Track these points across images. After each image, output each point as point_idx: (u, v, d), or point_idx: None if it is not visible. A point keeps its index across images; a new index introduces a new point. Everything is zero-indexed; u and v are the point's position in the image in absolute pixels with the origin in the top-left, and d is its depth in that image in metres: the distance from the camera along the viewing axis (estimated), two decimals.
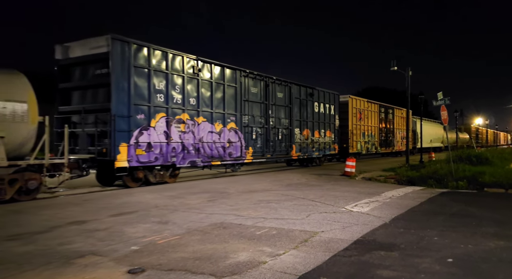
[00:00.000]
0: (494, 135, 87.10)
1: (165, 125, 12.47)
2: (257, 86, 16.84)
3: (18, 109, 8.94)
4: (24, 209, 8.11)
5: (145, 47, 11.96)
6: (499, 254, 4.86)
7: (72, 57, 12.11)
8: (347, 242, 5.39)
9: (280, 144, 18.22)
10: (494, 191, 11.01)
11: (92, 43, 11.57)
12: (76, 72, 12.14)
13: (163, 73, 12.49)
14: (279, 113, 18.23)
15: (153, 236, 5.70)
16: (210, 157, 14.19)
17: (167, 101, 12.59)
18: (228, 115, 15.14)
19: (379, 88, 74.59)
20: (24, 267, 4.37)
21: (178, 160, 12.91)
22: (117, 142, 11.01)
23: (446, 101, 14.69)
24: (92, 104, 11.61)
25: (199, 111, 13.77)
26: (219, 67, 14.82)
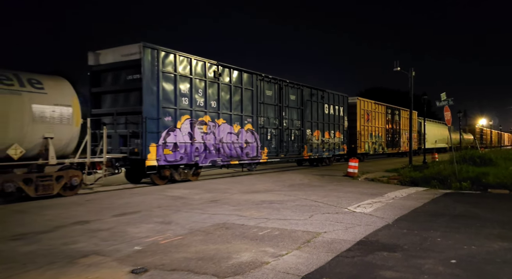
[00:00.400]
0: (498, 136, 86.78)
1: (189, 127, 13.30)
2: (272, 89, 17.59)
3: (65, 112, 9.89)
4: (28, 209, 8.15)
5: (171, 54, 12.76)
6: (503, 256, 4.83)
7: (104, 63, 12.96)
8: (350, 243, 5.38)
9: (292, 144, 18.94)
10: (498, 192, 10.95)
11: (123, 51, 12.38)
12: (108, 77, 12.99)
13: (187, 78, 13.28)
14: (292, 115, 18.95)
15: (156, 236, 5.72)
16: (229, 156, 14.97)
17: (191, 104, 13.39)
18: (246, 117, 15.94)
19: (382, 89, 74.38)
20: (28, 266, 4.40)
21: (201, 159, 13.73)
22: (148, 142, 11.80)
23: (449, 102, 14.63)
24: (123, 107, 12.45)
25: (219, 113, 14.57)
26: (237, 72, 15.56)
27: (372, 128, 27.56)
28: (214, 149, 14.23)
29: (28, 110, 9.19)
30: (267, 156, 17.20)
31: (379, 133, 28.79)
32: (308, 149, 20.11)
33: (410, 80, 21.55)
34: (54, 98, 9.72)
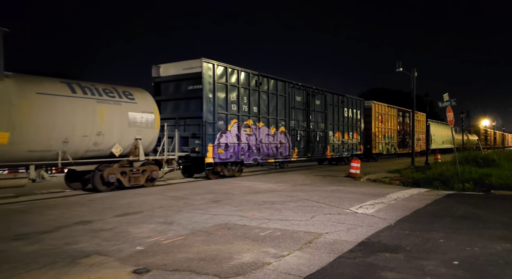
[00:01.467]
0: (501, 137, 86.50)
1: (236, 130, 15.40)
2: (301, 95, 19.61)
3: (149, 118, 12.09)
4: (31, 208, 8.18)
5: (224, 67, 14.91)
6: (506, 257, 4.81)
7: (165, 75, 15.28)
8: (352, 244, 5.37)
9: (318, 145, 21.08)
10: (501, 193, 10.91)
11: (184, 65, 14.67)
12: (169, 87, 15.26)
13: (235, 87, 15.43)
14: (317, 118, 21.10)
15: (158, 237, 5.72)
16: (267, 155, 17.08)
17: (238, 110, 15.53)
18: (280, 120, 18.02)
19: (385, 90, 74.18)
20: (30, 266, 4.41)
21: (245, 157, 15.80)
22: (207, 142, 13.99)
23: (452, 103, 14.59)
24: (184, 113, 14.67)
25: (259, 117, 16.70)
26: (273, 80, 17.66)
27: (385, 130, 29.45)
28: (255, 149, 16.30)
29: (126, 117, 11.41)
30: (297, 155, 19.21)
31: (392, 134, 30.61)
32: (330, 149, 22.20)
33: (412, 81, 21.50)
34: (142, 107, 11.96)
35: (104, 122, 10.79)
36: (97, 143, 10.70)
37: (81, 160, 10.58)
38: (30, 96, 9.34)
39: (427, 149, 25.62)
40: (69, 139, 10.02)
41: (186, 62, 14.61)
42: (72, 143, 10.13)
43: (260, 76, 16.65)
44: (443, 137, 42.31)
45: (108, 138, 10.94)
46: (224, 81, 14.84)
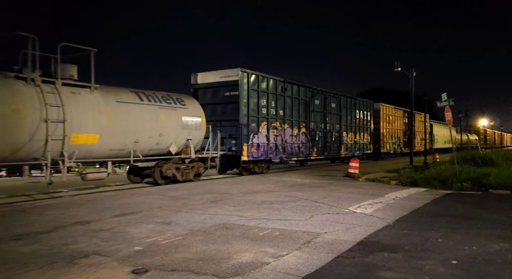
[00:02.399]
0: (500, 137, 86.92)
1: (266, 131, 17.05)
2: (319, 99, 21.37)
3: (198, 121, 13.92)
4: (29, 208, 8.17)
5: (255, 75, 16.60)
6: (504, 256, 4.83)
7: (203, 83, 17.04)
8: (350, 243, 5.38)
9: (333, 144, 22.77)
10: (499, 193, 10.93)
11: (221, 73, 16.46)
12: (207, 93, 16.96)
13: (265, 93, 17.15)
14: (333, 120, 22.75)
15: (156, 237, 5.72)
16: (290, 154, 18.72)
17: (267, 113, 17.21)
18: (301, 122, 19.67)
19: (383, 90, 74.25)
20: (28, 266, 4.41)
21: (273, 156, 17.52)
22: (242, 142, 15.67)
23: (450, 103, 14.61)
24: (222, 116, 16.29)
25: (284, 119, 18.33)
26: (296, 86, 19.33)
27: (392, 130, 31.28)
28: (281, 148, 17.97)
29: (180, 120, 13.18)
30: (316, 154, 20.91)
31: (398, 134, 32.43)
32: (344, 148, 23.85)
33: (411, 81, 21.53)
34: (192, 111, 13.77)
35: (164, 125, 12.61)
36: (158, 143, 12.56)
37: (146, 157, 12.39)
38: (112, 104, 11.11)
39: (425, 149, 25.71)
40: (139, 139, 11.84)
41: (223, 71, 16.43)
42: (141, 142, 11.94)
43: (285, 83, 18.38)
44: (445, 137, 43.51)
45: (167, 139, 12.78)
46: (256, 88, 16.59)
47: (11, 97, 8.93)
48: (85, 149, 10.35)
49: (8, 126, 8.83)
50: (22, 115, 9.03)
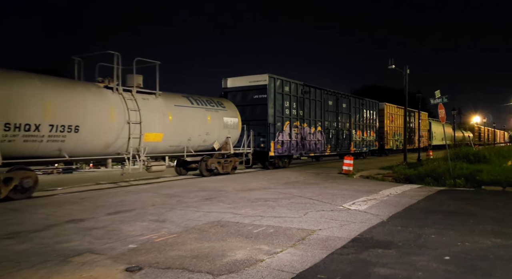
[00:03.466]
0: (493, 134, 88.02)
1: (289, 129, 19.13)
2: (332, 100, 23.54)
3: (235, 121, 15.99)
4: (21, 207, 8.09)
5: (280, 79, 18.74)
6: (496, 252, 4.87)
7: (233, 86, 19.07)
8: (345, 240, 5.39)
9: (344, 141, 24.89)
10: (491, 189, 11.04)
11: (250, 78, 18.54)
12: (237, 96, 18.81)
13: (288, 95, 19.25)
14: (344, 119, 24.87)
15: (150, 234, 5.70)
16: (308, 150, 20.87)
17: (290, 114, 19.30)
18: (317, 121, 21.83)
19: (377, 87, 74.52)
20: (21, 265, 4.36)
21: (294, 152, 19.61)
22: (270, 140, 17.72)
23: (443, 100, 14.69)
24: (251, 116, 17.94)
25: (303, 119, 20.46)
26: (313, 89, 21.58)
27: (395, 128, 33.50)
28: (301, 145, 20.08)
29: (222, 121, 15.28)
30: (330, 150, 23.11)
31: (400, 132, 34.33)
32: (353, 145, 26.07)
33: (404, 78, 21.63)
34: (230, 113, 15.91)
35: (210, 125, 14.69)
36: (205, 140, 14.64)
37: (194, 153, 14.38)
38: (172, 107, 13.21)
39: (418, 146, 25.91)
40: (191, 137, 13.90)
41: (252, 77, 18.55)
42: (192, 140, 13.99)
43: (304, 86, 20.59)
44: (443, 135, 44.77)
45: (211, 137, 14.86)
46: (280, 91, 18.72)
47: (106, 104, 11.02)
48: (152, 145, 12.43)
49: (104, 128, 10.92)
50: (113, 119, 11.12)
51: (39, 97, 9.51)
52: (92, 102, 10.66)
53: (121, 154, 11.47)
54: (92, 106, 10.62)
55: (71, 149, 10.18)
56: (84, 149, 10.57)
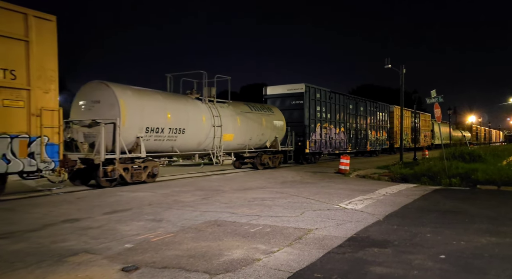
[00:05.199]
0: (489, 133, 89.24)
1: (319, 130, 22.45)
2: (352, 104, 26.86)
3: (281, 124, 19.15)
4: (17, 206, 8.04)
5: (313, 88, 22.26)
6: (491, 250, 4.90)
7: (273, 94, 22.63)
8: (341, 239, 5.41)
9: (361, 141, 28.18)
10: (486, 188, 11.11)
11: (288, 87, 22.17)
12: (276, 102, 22.11)
13: (319, 100, 22.69)
14: (361, 121, 28.15)
15: (147, 234, 5.68)
16: (334, 148, 24.19)
17: (320, 116, 22.70)
18: (341, 123, 25.12)
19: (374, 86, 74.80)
20: (16, 265, 4.34)
21: (323, 149, 23.03)
22: (306, 139, 21.14)
23: (439, 99, 14.76)
24: (288, 119, 20.22)
25: (330, 121, 23.85)
26: (338, 94, 24.93)
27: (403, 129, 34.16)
28: (328, 143, 23.46)
29: (272, 123, 18.34)
30: (350, 148, 26.18)
31: (407, 132, 37.11)
32: (369, 144, 29.48)
33: (401, 77, 21.69)
34: (278, 117, 19.02)
35: (264, 127, 17.75)
36: (260, 140, 17.74)
37: (254, 150, 17.47)
38: (239, 113, 16.47)
39: (415, 146, 26.00)
40: (252, 137, 17.05)
41: (290, 85, 22.13)
42: (252, 139, 17.13)
43: (331, 93, 23.95)
44: (444, 134, 47.67)
45: (265, 137, 17.96)
46: (313, 98, 22.07)
47: (199, 112, 14.33)
48: (226, 143, 15.57)
49: (198, 130, 14.08)
50: (204, 123, 14.38)
51: (163, 108, 12.81)
52: (192, 111, 14.04)
53: (207, 150, 14.85)
54: (192, 114, 13.96)
55: (178, 146, 13.44)
56: (186, 146, 13.88)
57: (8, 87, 8.31)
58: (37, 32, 8.76)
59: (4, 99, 8.23)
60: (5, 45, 8.28)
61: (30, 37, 8.64)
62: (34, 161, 8.70)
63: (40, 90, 8.83)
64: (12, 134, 8.36)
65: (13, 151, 8.36)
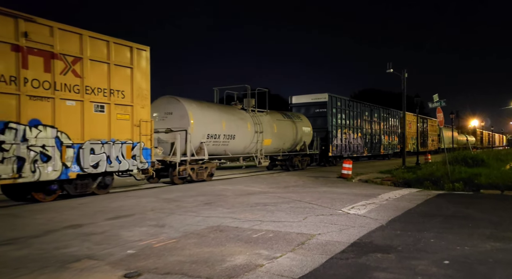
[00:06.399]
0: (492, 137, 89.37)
1: (340, 135, 25.14)
2: (367, 111, 29.51)
3: (309, 130, 21.71)
4: (20, 212, 8.06)
5: (334, 97, 24.76)
6: (496, 256, 4.87)
7: (298, 102, 25.50)
8: (344, 245, 5.39)
9: (376, 145, 30.85)
10: (490, 193, 11.05)
11: (312, 96, 24.85)
12: (301, 110, 24.71)
13: (340, 108, 25.39)
14: (376, 126, 30.77)
15: (149, 240, 5.68)
16: (352, 152, 26.73)
17: (341, 123, 25.32)
18: (358, 129, 27.63)
19: (376, 90, 74.89)
20: (19, 271, 4.34)
21: (343, 153, 25.40)
22: (329, 143, 23.66)
23: (441, 104, 14.75)
24: (313, 126, 22.52)
25: (349, 127, 26.38)
26: (355, 102, 27.73)
27: (411, 133, 38.36)
28: (348, 148, 25.98)
29: (301, 129, 20.85)
30: (367, 152, 28.98)
31: (415, 136, 37.91)
32: (382, 148, 32.17)
33: (402, 81, 21.69)
34: (306, 123, 21.61)
35: (295, 133, 20.23)
36: (292, 144, 20.23)
37: (287, 153, 20.12)
38: (275, 121, 18.98)
39: (417, 150, 25.93)
40: (285, 142, 19.50)
41: (314, 95, 24.78)
42: (285, 144, 19.58)
43: (349, 101, 26.78)
44: (450, 138, 49.41)
45: (296, 142, 20.47)
46: (335, 106, 24.73)
47: (245, 120, 16.69)
48: (265, 147, 17.85)
49: (245, 136, 16.45)
50: (249, 129, 16.74)
51: (219, 117, 15.18)
52: (239, 120, 16.41)
53: (250, 153, 17.22)
54: (240, 122, 16.33)
55: (230, 150, 15.83)
56: (235, 150, 16.21)
57: (120, 104, 10.83)
58: (137, 60, 11.33)
59: (117, 114, 10.73)
60: (119, 72, 10.86)
61: (133, 65, 11.20)
62: (135, 161, 11.14)
63: (138, 106, 11.36)
64: (122, 141, 10.82)
65: (123, 153, 10.81)
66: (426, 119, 44.62)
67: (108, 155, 10.35)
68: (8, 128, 8.39)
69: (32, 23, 8.93)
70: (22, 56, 8.71)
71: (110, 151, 10.42)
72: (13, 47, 8.59)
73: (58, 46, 9.39)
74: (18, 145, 8.54)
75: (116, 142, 10.59)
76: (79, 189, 10.16)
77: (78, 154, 9.71)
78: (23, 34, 8.72)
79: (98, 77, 10.26)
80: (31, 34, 8.85)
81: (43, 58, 9.13)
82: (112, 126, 10.52)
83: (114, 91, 10.63)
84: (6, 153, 8.33)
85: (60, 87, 9.43)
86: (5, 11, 8.47)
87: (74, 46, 9.76)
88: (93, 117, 10.10)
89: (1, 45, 8.43)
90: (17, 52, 8.64)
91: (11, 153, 8.42)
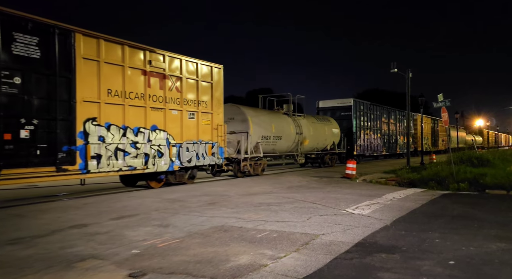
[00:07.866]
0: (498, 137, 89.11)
1: (363, 136, 27.44)
2: (385, 113, 31.95)
3: (337, 131, 23.97)
4: (25, 212, 8.11)
5: (357, 101, 27.33)
6: (501, 256, 4.84)
7: (324, 106, 28.02)
8: (348, 245, 5.38)
9: (393, 145, 33.53)
10: (495, 193, 10.97)
11: (338, 101, 27.54)
12: (327, 113, 27.06)
13: (362, 111, 27.74)
14: (392, 127, 33.27)
15: (154, 240, 5.70)
16: (373, 151, 29.19)
17: (363, 125, 27.68)
18: (377, 130, 29.98)
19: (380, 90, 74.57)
20: (25, 271, 4.37)
21: (366, 152, 27.83)
22: (354, 143, 26.05)
23: (446, 103, 14.68)
24: (339, 127, 24.57)
25: (370, 128, 28.72)
26: (375, 106, 29.82)
27: (426, 134, 39.86)
28: (369, 147, 28.25)
29: (331, 131, 23.26)
30: (385, 151, 31.49)
31: (428, 136, 41.35)
32: (398, 147, 34.58)
33: (407, 82, 21.60)
34: (334, 125, 23.88)
35: (326, 134, 22.64)
36: (324, 144, 22.60)
37: (320, 151, 22.54)
38: (311, 123, 21.35)
39: (422, 149, 25.85)
40: (318, 142, 21.89)
41: (339, 100, 27.48)
42: (319, 143, 22.04)
43: (370, 104, 29.09)
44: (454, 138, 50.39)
45: (327, 141, 22.86)
46: (359, 109, 27.19)
47: (288, 123, 19.18)
48: (303, 147, 20.30)
49: (288, 137, 18.85)
50: (291, 131, 19.11)
51: (270, 121, 17.80)
52: (284, 123, 18.86)
53: (292, 152, 19.77)
54: (285, 125, 18.79)
55: (277, 149, 18.46)
56: (280, 149, 18.79)
57: (204, 112, 13.59)
58: (215, 76, 14.06)
59: (202, 119, 13.47)
60: (204, 86, 13.61)
61: (213, 80, 13.98)
62: (214, 158, 13.87)
63: (216, 113, 14.07)
64: (205, 141, 13.54)
65: (206, 151, 13.53)
66: (436, 120, 46.56)
67: (197, 152, 13.12)
68: (140, 132, 11.23)
69: (153, 53, 11.70)
70: (147, 79, 11.54)
71: (198, 149, 13.20)
72: (142, 72, 11.43)
73: (167, 69, 12.18)
74: (145, 144, 11.36)
75: (202, 142, 13.36)
76: (177, 178, 12.81)
77: (179, 151, 12.45)
78: (148, 62, 11.52)
79: (190, 91, 13.06)
80: (153, 61, 11.64)
81: (159, 79, 11.92)
82: (199, 130, 13.27)
83: (201, 102, 13.42)
84: (139, 150, 11.14)
85: (169, 100, 12.22)
86: (138, 46, 11.25)
87: (176, 68, 12.55)
88: (188, 123, 12.89)
89: (137, 71, 11.24)
90: (144, 76, 11.47)
91: (141, 150, 11.24)
